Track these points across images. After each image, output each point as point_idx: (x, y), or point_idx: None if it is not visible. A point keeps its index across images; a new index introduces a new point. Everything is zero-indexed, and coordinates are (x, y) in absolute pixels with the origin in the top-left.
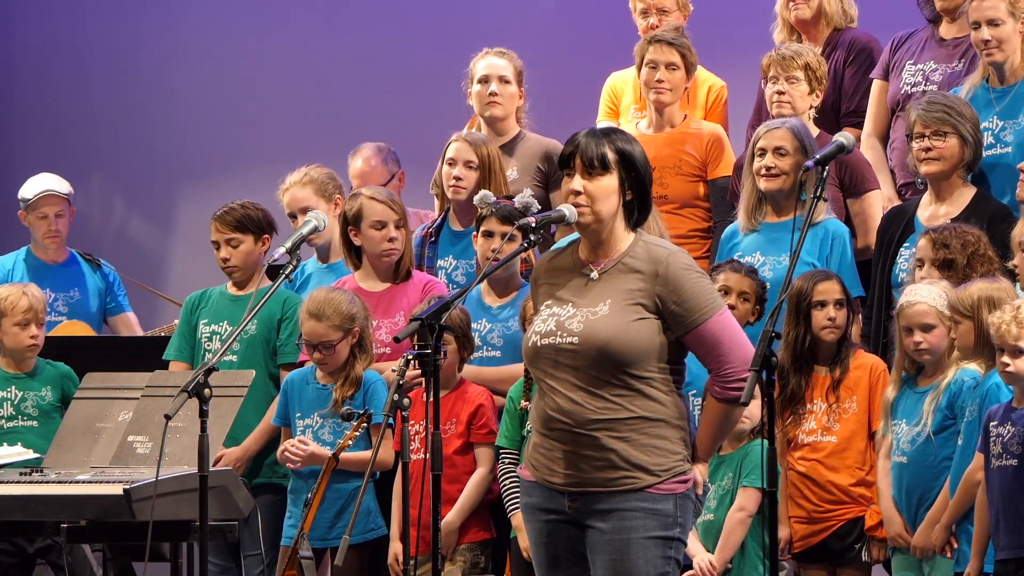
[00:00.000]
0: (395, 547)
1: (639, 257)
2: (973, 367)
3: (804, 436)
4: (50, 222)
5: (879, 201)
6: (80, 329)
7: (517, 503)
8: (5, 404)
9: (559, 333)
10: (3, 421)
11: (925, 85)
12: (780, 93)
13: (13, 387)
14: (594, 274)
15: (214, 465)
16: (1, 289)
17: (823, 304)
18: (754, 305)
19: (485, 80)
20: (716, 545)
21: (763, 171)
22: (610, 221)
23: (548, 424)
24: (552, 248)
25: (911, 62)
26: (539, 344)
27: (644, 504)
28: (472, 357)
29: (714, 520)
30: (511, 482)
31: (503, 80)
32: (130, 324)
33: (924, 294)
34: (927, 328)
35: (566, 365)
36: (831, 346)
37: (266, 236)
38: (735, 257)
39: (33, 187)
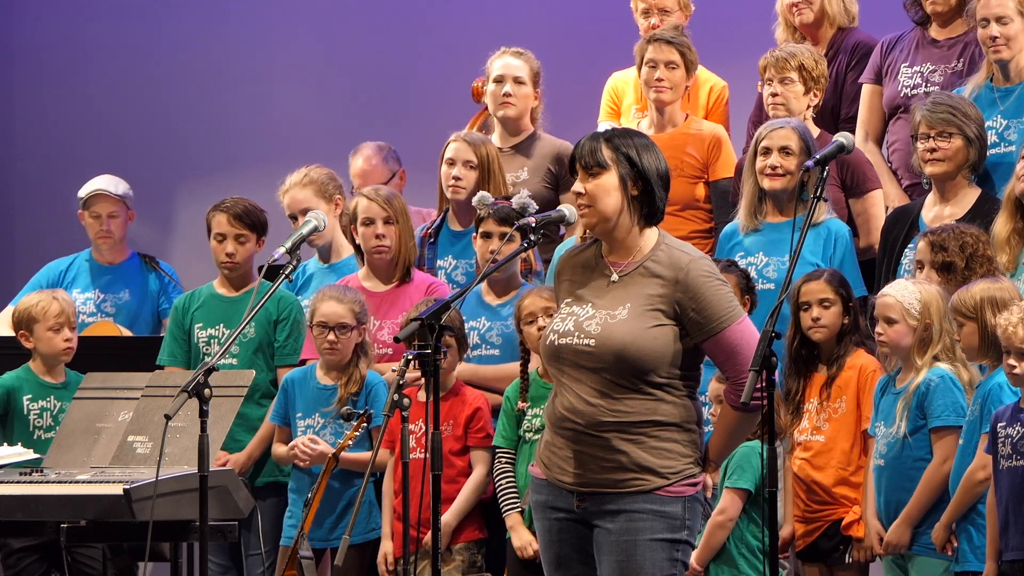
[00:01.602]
0: (385, 546)
1: (661, 262)
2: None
3: (798, 435)
4: (102, 222)
5: (881, 200)
6: (107, 329)
7: (512, 503)
8: (45, 414)
9: (576, 334)
10: (42, 432)
11: (926, 87)
12: (774, 95)
13: (52, 397)
14: (615, 276)
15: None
16: (31, 296)
17: (809, 305)
18: (741, 297)
19: (500, 80)
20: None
21: (768, 170)
22: (616, 218)
23: (560, 423)
24: (569, 243)
25: (906, 65)
26: (556, 343)
27: (652, 506)
28: (471, 355)
29: None
30: (507, 482)
31: (518, 81)
32: None
33: (896, 288)
34: (889, 321)
35: (581, 366)
36: (831, 345)
37: (263, 239)
38: (734, 258)
39: (88, 187)
